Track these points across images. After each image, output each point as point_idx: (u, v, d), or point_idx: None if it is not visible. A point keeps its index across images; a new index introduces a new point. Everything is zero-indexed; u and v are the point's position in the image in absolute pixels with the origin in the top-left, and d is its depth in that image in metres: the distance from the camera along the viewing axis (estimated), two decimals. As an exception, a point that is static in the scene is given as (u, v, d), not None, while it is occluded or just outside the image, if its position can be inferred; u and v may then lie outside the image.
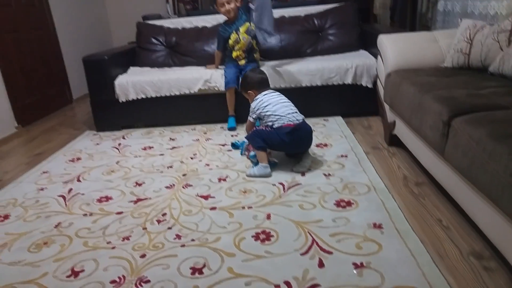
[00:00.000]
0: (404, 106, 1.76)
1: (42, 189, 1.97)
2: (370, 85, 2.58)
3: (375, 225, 1.41)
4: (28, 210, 1.75)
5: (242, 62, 2.66)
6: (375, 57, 2.54)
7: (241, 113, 2.62)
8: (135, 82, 2.69)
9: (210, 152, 2.28)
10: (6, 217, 1.71)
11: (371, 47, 2.67)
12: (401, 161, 1.98)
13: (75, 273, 1.30)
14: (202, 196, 1.74)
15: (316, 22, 3.04)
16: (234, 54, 2.65)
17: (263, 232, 1.43)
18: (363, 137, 2.33)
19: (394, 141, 2.11)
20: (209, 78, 2.65)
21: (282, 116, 1.87)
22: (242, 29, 2.60)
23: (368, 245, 1.30)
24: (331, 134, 2.40)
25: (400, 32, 2.37)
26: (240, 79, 2.32)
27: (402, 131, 1.93)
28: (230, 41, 2.62)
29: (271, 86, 2.61)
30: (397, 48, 2.07)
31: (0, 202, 1.85)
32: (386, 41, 2.13)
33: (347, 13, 3.03)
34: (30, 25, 3.37)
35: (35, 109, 3.33)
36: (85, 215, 1.67)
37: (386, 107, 2.14)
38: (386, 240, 1.32)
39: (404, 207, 1.53)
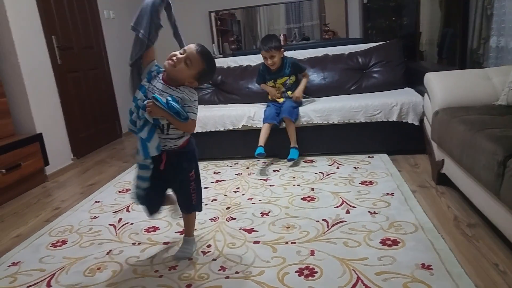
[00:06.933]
0: (454, 144, 1.78)
1: (95, 218, 2.16)
2: (416, 123, 2.60)
3: (423, 266, 1.41)
4: (83, 237, 1.94)
5: (280, 100, 2.84)
6: (422, 94, 2.58)
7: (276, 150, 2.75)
8: (182, 118, 2.92)
9: (252, 186, 2.39)
10: (64, 242, 1.90)
11: (417, 85, 2.73)
12: (451, 200, 1.96)
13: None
14: (245, 230, 1.84)
15: (360, 60, 3.16)
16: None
17: (307, 267, 1.48)
18: (409, 175, 2.34)
19: (443, 180, 2.10)
20: (253, 115, 2.82)
21: None
22: (279, 81, 2.85)
23: (416, 286, 1.31)
24: (376, 171, 2.43)
25: (448, 69, 2.41)
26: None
27: (451, 170, 1.93)
28: (268, 84, 2.91)
29: (314, 122, 2.75)
30: (445, 86, 2.12)
31: (58, 228, 2.07)
32: (434, 79, 2.18)
33: (391, 50, 3.14)
34: (88, 66, 3.81)
35: (88, 142, 3.68)
36: (134, 243, 1.82)
37: (434, 145, 2.16)
38: (436, 282, 1.32)
39: (456, 249, 1.52)
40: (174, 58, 1.40)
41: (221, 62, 3.52)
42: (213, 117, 2.88)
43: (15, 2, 2.81)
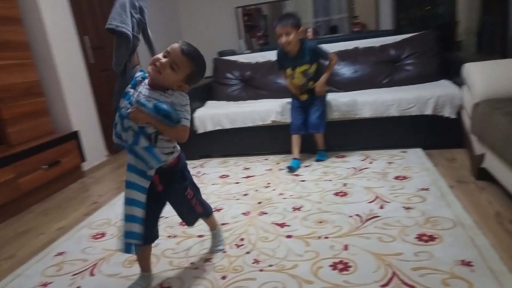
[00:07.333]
0: (497, 137, 1.73)
1: (130, 212, 2.25)
2: (453, 116, 2.54)
3: (463, 262, 1.39)
4: (120, 230, 2.03)
5: (304, 97, 2.64)
6: (459, 86, 2.51)
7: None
8: (212, 115, 2.99)
9: (283, 182, 2.42)
10: (103, 234, 2.01)
11: (455, 77, 2.66)
12: (492, 196, 1.90)
13: (163, 288, 1.49)
14: (277, 224, 1.87)
15: (392, 52, 3.11)
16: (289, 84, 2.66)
17: (341, 262, 1.49)
18: (446, 170, 2.29)
19: (483, 175, 2.04)
20: (281, 110, 2.84)
21: None
22: (299, 69, 2.54)
23: (456, 282, 1.30)
24: (410, 166, 2.39)
25: (489, 59, 2.33)
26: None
27: (493, 164, 1.88)
28: (287, 73, 2.62)
29: (345, 117, 2.74)
30: (486, 76, 2.05)
31: (97, 222, 2.18)
32: (473, 70, 2.12)
33: (426, 41, 3.06)
34: (120, 65, 3.94)
35: (121, 139, 3.82)
36: (169, 237, 1.89)
37: (474, 138, 2.10)
38: (478, 279, 1.30)
39: (498, 246, 1.48)
40: (158, 63, 1.25)
41: (249, 58, 3.56)
42: (242, 113, 2.93)
43: (50, 6, 2.95)
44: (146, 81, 1.32)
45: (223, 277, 1.50)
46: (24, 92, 2.72)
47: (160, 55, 1.27)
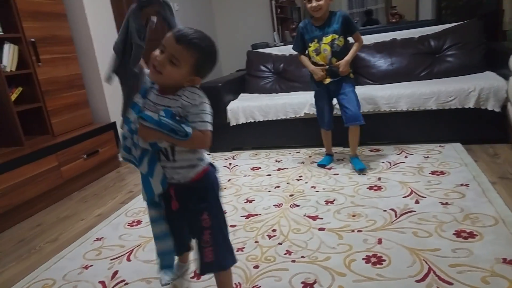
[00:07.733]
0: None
1: (165, 201, 2.34)
2: (497, 109, 2.43)
3: (505, 261, 1.35)
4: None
5: (327, 81, 2.35)
6: (506, 78, 2.40)
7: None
8: (245, 107, 3.03)
9: (315, 175, 2.42)
10: (138, 222, 2.10)
11: (501, 68, 2.54)
12: (539, 194, 1.82)
13: (197, 276, 1.54)
14: (309, 217, 1.88)
15: (432, 43, 3.01)
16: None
17: (374, 255, 1.49)
18: (487, 166, 2.20)
19: (530, 172, 1.95)
20: (314, 103, 2.82)
21: None
22: (325, 39, 2.28)
23: (496, 280, 1.26)
24: (448, 161, 2.32)
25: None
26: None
27: (539, 160, 1.79)
28: (310, 49, 2.35)
29: (381, 110, 2.68)
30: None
31: (133, 210, 2.28)
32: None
33: (470, 31, 2.93)
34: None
35: (155, 131, 3.95)
36: (202, 226, 1.95)
37: (519, 133, 2.01)
38: (520, 278, 1.25)
39: (543, 245, 1.42)
40: (156, 63, 1.06)
41: (283, 50, 3.57)
42: (274, 105, 2.94)
43: (92, 2, 3.08)
44: (156, 85, 1.15)
45: (256, 267, 1.53)
46: (67, 84, 2.87)
47: (157, 51, 1.08)
